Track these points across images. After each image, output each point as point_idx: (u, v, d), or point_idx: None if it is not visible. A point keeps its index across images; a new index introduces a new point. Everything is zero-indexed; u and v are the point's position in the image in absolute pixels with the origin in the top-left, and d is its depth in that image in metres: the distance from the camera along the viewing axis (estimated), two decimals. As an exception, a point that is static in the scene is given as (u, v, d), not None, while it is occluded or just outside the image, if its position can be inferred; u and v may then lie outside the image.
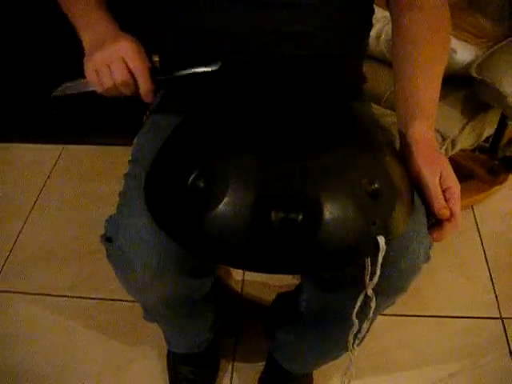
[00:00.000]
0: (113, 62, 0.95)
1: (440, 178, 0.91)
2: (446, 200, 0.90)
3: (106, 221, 0.98)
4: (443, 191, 0.91)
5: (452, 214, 0.90)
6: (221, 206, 0.76)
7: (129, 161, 1.11)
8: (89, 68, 0.99)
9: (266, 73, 1.05)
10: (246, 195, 0.76)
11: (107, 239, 0.96)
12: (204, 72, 0.98)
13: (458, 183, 0.92)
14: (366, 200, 0.79)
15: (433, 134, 0.96)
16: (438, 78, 0.99)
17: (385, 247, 0.79)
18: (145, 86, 0.98)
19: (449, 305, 1.69)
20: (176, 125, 0.95)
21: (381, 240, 0.79)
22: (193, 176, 0.79)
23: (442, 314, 1.67)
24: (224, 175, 0.77)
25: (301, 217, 0.75)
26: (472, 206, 1.97)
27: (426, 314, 1.67)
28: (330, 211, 0.76)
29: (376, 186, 0.80)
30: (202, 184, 0.78)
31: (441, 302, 1.69)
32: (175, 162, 0.86)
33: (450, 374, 1.53)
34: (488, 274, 1.77)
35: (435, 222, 0.93)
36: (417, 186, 0.92)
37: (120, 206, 0.98)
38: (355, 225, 0.78)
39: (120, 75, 0.96)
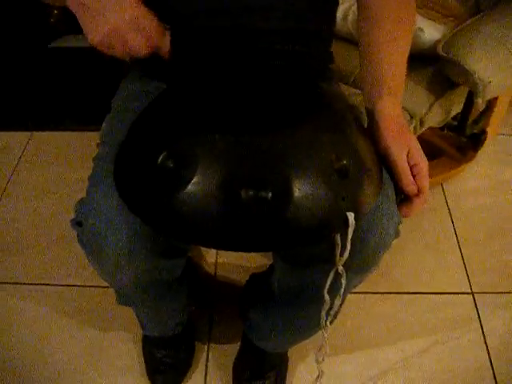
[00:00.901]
0: (127, 32, 0.93)
1: (408, 154, 0.92)
2: (413, 176, 0.91)
3: (76, 204, 0.97)
4: (411, 167, 0.92)
5: (420, 190, 0.91)
6: (190, 186, 0.76)
7: (97, 144, 1.10)
8: (96, 37, 0.92)
9: (234, 49, 1.05)
10: (214, 174, 0.76)
11: (77, 223, 0.95)
12: None
13: (425, 159, 0.93)
14: (335, 176, 0.80)
15: (400, 110, 0.96)
16: (403, 55, 1.00)
17: (354, 223, 0.79)
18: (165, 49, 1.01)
19: (420, 281, 1.71)
20: (145, 106, 0.94)
21: (350, 216, 0.79)
22: (161, 156, 0.79)
23: (414, 291, 1.69)
24: (192, 155, 0.77)
25: (270, 194, 0.75)
26: (442, 184, 1.99)
27: (398, 290, 1.69)
28: (298, 188, 0.76)
29: (344, 162, 0.81)
30: (171, 164, 0.78)
31: (412, 279, 1.72)
32: (144, 143, 0.86)
33: (423, 349, 1.55)
34: (458, 250, 1.80)
35: (404, 198, 0.94)
36: (385, 163, 0.93)
37: (89, 188, 0.97)
38: (324, 201, 0.78)
39: (138, 48, 0.96)
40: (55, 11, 1.95)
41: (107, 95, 1.28)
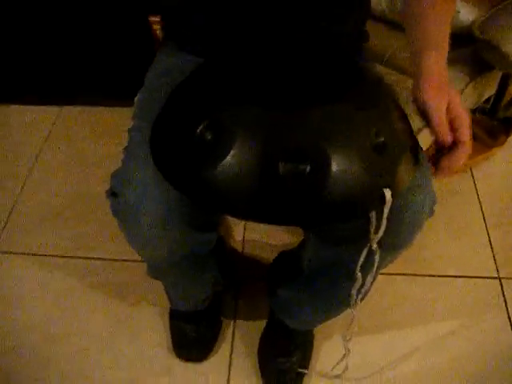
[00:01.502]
0: None
1: (448, 107, 0.89)
2: (455, 129, 0.89)
3: (111, 176, 0.98)
4: (452, 120, 0.89)
5: (460, 141, 0.89)
6: (228, 158, 0.76)
7: (132, 117, 1.10)
8: None
9: (272, 25, 1.04)
10: (253, 147, 0.76)
11: (112, 194, 0.96)
12: None
13: (466, 113, 0.91)
14: (373, 153, 0.79)
15: (443, 65, 0.94)
16: (447, 20, 0.98)
17: (391, 200, 0.79)
18: None
19: (448, 265, 1.70)
20: (182, 79, 0.94)
21: (387, 193, 0.79)
22: (200, 128, 0.79)
23: (441, 274, 1.68)
24: (231, 127, 0.77)
25: (308, 168, 0.75)
26: (471, 168, 1.97)
27: (426, 273, 1.68)
28: (337, 163, 0.76)
29: (382, 139, 0.80)
30: (209, 136, 0.78)
31: (440, 262, 1.71)
32: (182, 115, 0.86)
33: (449, 332, 1.55)
34: (486, 235, 1.78)
35: (444, 152, 0.92)
36: (424, 116, 0.91)
37: (125, 160, 0.98)
38: (361, 177, 0.78)
39: None
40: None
41: (136, 71, 1.28)
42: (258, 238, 1.76)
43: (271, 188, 0.76)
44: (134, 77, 1.29)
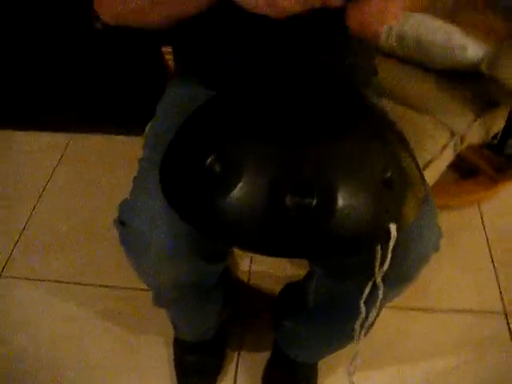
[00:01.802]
0: None
1: None
2: None
3: (120, 204, 0.99)
4: None
5: None
6: (236, 190, 0.77)
7: (143, 146, 1.12)
8: None
9: (281, 59, 1.06)
10: (260, 180, 0.77)
11: (121, 223, 0.97)
12: None
13: None
14: (380, 188, 0.80)
15: None
16: None
17: (396, 235, 0.80)
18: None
19: (453, 299, 1.70)
20: (193, 110, 0.95)
21: (392, 228, 0.79)
22: (209, 160, 0.80)
23: (447, 308, 1.67)
24: (240, 160, 0.78)
25: (315, 202, 0.76)
26: (478, 203, 1.98)
27: (430, 307, 1.67)
28: (343, 197, 0.77)
29: (389, 174, 0.81)
30: (218, 168, 0.79)
31: (445, 297, 1.70)
32: (191, 146, 0.87)
33: (454, 367, 1.53)
34: (493, 270, 1.77)
35: None
36: None
37: (134, 189, 0.99)
38: (368, 212, 0.79)
39: None
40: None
41: (148, 100, 1.30)
42: (265, 269, 1.76)
43: (277, 221, 0.76)
44: (146, 106, 1.30)
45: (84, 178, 2.12)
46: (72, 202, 2.03)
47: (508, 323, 1.64)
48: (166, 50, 1.65)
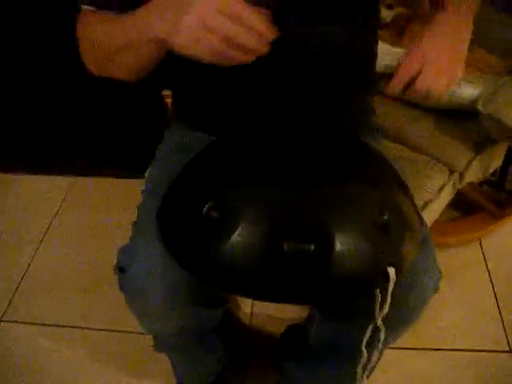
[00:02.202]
0: (209, 19, 0.73)
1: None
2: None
3: (119, 251, 0.99)
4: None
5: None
6: (234, 237, 0.77)
7: (142, 192, 1.12)
8: (184, 39, 0.75)
9: (276, 102, 1.07)
10: (258, 226, 0.78)
11: (120, 269, 0.97)
12: None
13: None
14: (376, 232, 0.81)
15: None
16: None
17: (395, 278, 0.80)
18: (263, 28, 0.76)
19: (457, 338, 1.68)
20: (191, 157, 0.96)
21: (391, 271, 0.80)
22: (207, 207, 0.80)
23: (450, 347, 1.65)
24: (238, 207, 0.79)
25: (313, 247, 0.76)
26: (480, 240, 1.97)
27: (434, 347, 1.66)
28: (341, 242, 0.77)
29: (386, 217, 0.82)
30: (215, 214, 0.80)
31: (449, 336, 1.68)
32: (189, 193, 0.88)
33: (459, 409, 1.52)
34: (496, 308, 1.76)
35: None
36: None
37: (133, 235, 0.99)
38: (365, 256, 0.79)
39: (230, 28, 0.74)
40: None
41: (150, 143, 1.31)
42: (267, 311, 1.74)
43: (276, 267, 0.77)
44: (147, 148, 1.31)
45: (86, 222, 2.13)
46: (74, 246, 2.03)
47: (514, 361, 1.62)
48: (167, 93, 1.67)
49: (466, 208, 2.01)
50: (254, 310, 1.75)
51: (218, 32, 0.73)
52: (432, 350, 1.65)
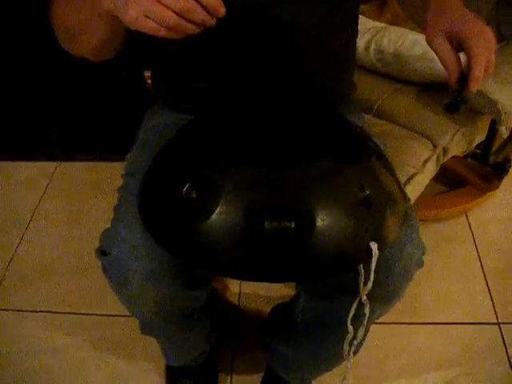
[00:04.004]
0: None
1: (451, 30, 0.87)
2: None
3: (101, 234, 0.99)
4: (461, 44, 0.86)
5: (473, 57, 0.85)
6: (214, 217, 0.77)
7: (122, 175, 1.12)
8: (134, 12, 0.71)
9: (253, 80, 1.06)
10: (238, 205, 0.77)
11: (102, 252, 0.97)
12: None
13: (479, 37, 0.86)
14: (358, 207, 0.80)
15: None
16: None
17: (377, 253, 0.80)
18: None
19: (445, 311, 1.69)
20: (169, 138, 0.95)
21: (373, 246, 0.79)
22: (186, 187, 0.80)
23: (439, 321, 1.67)
24: (216, 186, 0.78)
25: (293, 225, 0.75)
26: (466, 213, 1.98)
27: (423, 321, 1.67)
28: (322, 218, 0.76)
29: (367, 192, 0.81)
30: (194, 195, 0.79)
31: (437, 309, 1.70)
32: (168, 174, 0.87)
33: (449, 380, 1.53)
34: (484, 280, 1.77)
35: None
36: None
37: (114, 219, 0.99)
38: (348, 231, 0.79)
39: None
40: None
41: (132, 126, 1.30)
42: (255, 290, 1.75)
43: (257, 245, 0.76)
44: (130, 131, 1.30)
45: (71, 207, 2.12)
46: (59, 231, 2.02)
47: (502, 333, 1.63)
48: (148, 74, 1.65)
49: (452, 182, 2.02)
50: (242, 290, 1.76)
51: (169, 4, 0.70)
52: (420, 324, 1.67)
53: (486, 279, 1.77)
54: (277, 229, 0.75)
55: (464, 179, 1.99)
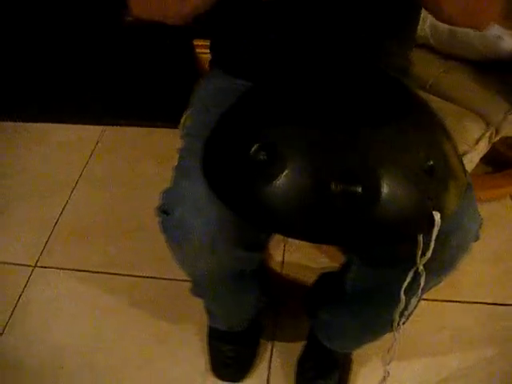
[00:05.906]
0: None
1: None
2: None
3: (162, 194, 1.00)
4: None
5: None
6: (281, 178, 0.78)
7: (181, 136, 1.13)
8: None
9: (321, 48, 1.07)
10: (305, 167, 0.78)
11: (163, 211, 0.98)
12: None
13: None
14: (423, 175, 0.80)
15: None
16: None
17: (439, 222, 0.80)
18: None
19: (486, 291, 1.69)
20: (234, 101, 0.96)
21: (436, 215, 0.80)
22: (254, 148, 0.81)
23: (480, 300, 1.67)
24: (285, 148, 0.79)
25: (360, 189, 0.76)
26: (510, 195, 1.96)
27: (464, 299, 1.67)
28: (388, 185, 0.77)
29: (432, 162, 0.81)
30: (262, 156, 0.80)
31: (478, 288, 1.70)
32: (235, 135, 0.88)
33: (486, 359, 1.53)
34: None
35: None
36: None
37: (176, 178, 1.00)
38: (411, 199, 0.79)
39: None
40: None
41: (178, 93, 1.31)
42: (298, 259, 1.76)
43: (323, 207, 0.77)
44: (177, 99, 1.31)
45: (116, 169, 2.15)
46: (105, 193, 2.06)
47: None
48: (197, 43, 1.66)
49: (496, 163, 2.00)
50: (285, 259, 1.77)
51: None
52: (461, 302, 1.66)
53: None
54: (343, 192, 0.76)
55: (509, 161, 1.97)
